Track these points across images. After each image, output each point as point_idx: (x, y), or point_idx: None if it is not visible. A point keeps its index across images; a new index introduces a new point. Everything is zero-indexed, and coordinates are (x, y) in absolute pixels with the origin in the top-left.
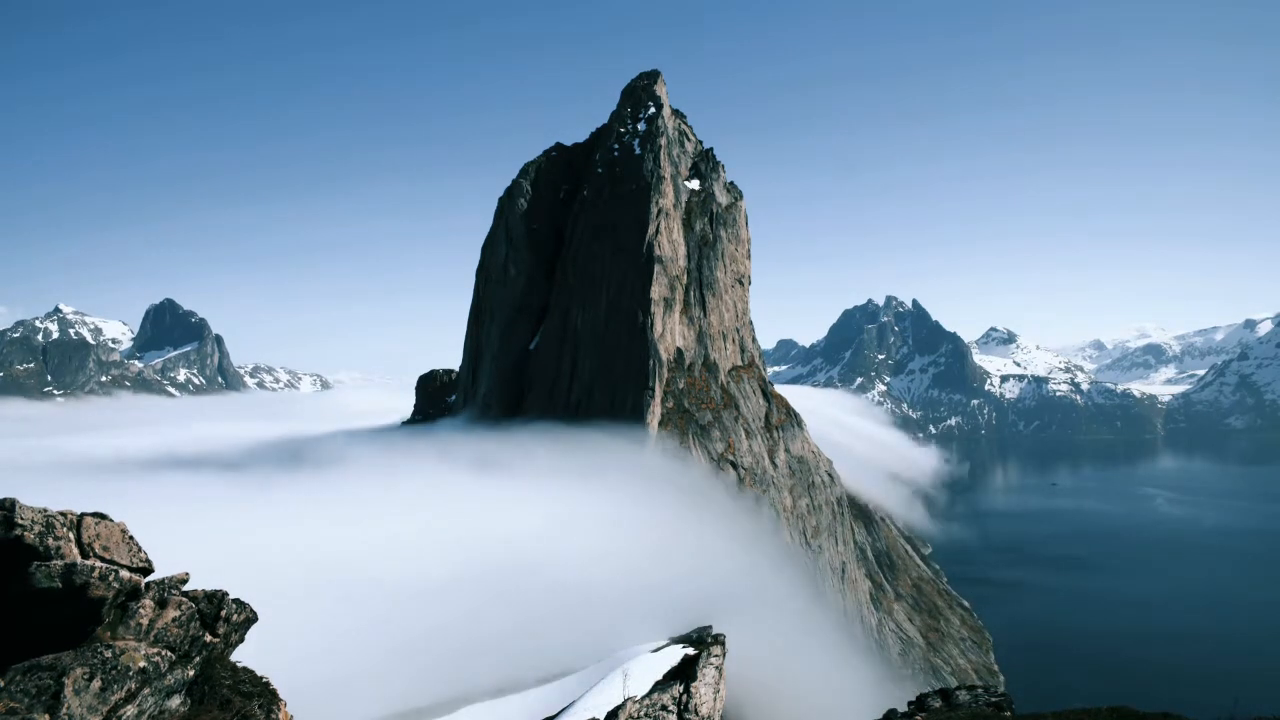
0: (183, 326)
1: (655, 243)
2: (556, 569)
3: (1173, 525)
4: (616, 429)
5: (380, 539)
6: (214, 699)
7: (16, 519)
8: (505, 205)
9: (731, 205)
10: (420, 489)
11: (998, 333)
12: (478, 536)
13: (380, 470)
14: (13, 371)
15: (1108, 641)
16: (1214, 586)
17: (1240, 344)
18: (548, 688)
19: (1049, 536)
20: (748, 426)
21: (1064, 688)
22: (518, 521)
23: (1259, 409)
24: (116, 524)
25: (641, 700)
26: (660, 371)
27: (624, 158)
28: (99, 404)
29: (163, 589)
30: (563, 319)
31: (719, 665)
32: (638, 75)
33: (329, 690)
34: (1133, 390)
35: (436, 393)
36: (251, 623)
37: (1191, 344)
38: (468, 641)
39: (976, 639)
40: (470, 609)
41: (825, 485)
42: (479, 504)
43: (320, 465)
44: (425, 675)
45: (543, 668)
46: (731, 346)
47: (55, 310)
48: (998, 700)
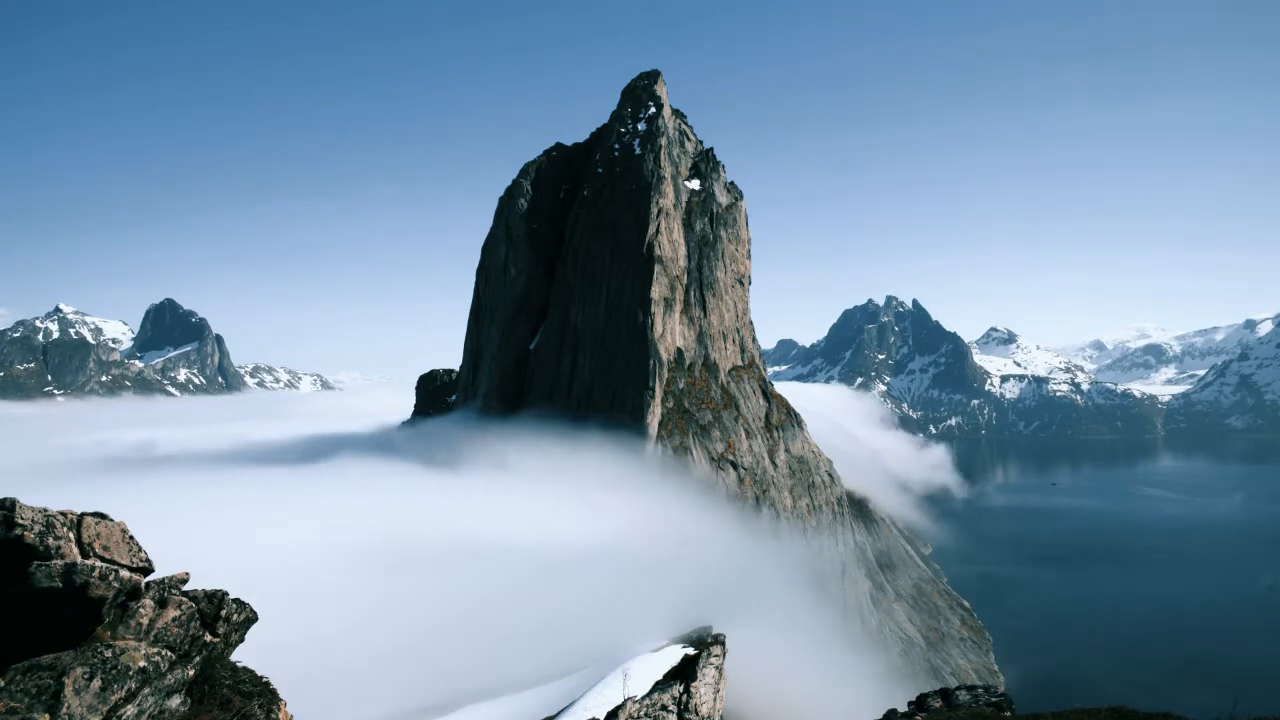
0: (183, 326)
1: (655, 243)
2: (557, 569)
3: (1173, 525)
4: (616, 431)
5: (380, 539)
6: (214, 699)
7: (17, 519)
8: (505, 205)
9: (732, 205)
10: (420, 489)
11: (998, 333)
12: (477, 537)
13: (379, 470)
14: (13, 371)
15: (1108, 641)
16: (1214, 586)
17: (1240, 344)
18: (548, 688)
19: (1049, 536)
20: (748, 426)
21: (1064, 688)
22: (517, 522)
23: (1259, 409)
24: (116, 524)
25: (641, 700)
26: (660, 371)
27: (624, 158)
28: (99, 404)
29: (163, 589)
30: (563, 319)
31: (719, 665)
32: (638, 75)
33: (329, 690)
34: (1133, 390)
35: (437, 392)
36: (251, 622)
37: (1192, 344)
38: (468, 641)
39: (976, 639)
40: (470, 609)
41: (825, 485)
42: (478, 505)
43: (320, 465)
44: (425, 675)
45: (543, 668)
46: (731, 346)
47: (55, 310)
48: (998, 700)
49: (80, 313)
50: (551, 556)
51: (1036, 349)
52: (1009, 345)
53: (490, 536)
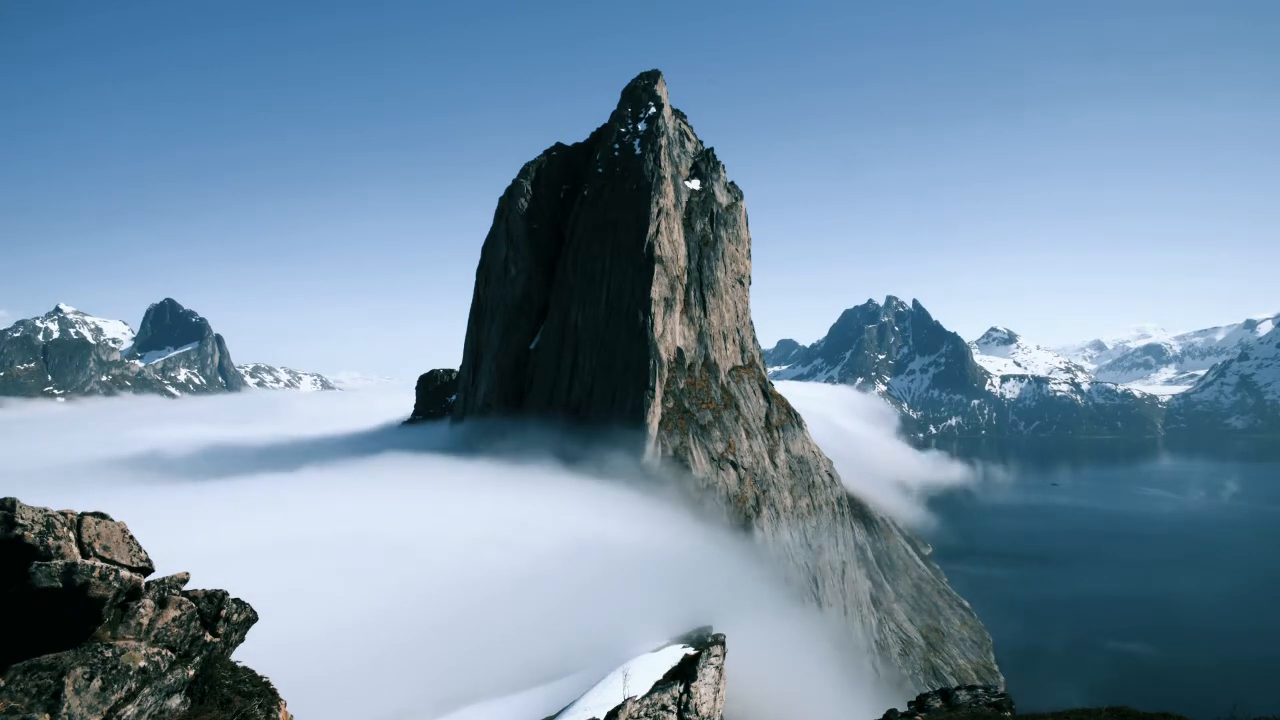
0: (183, 326)
1: (655, 242)
2: (557, 570)
3: (1173, 526)
4: (616, 435)
5: (380, 540)
6: (214, 698)
7: (17, 518)
8: (506, 205)
9: (732, 205)
10: (418, 490)
11: (998, 333)
12: (477, 537)
13: (378, 470)
14: (13, 371)
15: (1108, 641)
16: (1214, 586)
17: (1241, 344)
18: (548, 688)
19: (1049, 536)
20: (748, 426)
21: (1064, 688)
22: (517, 524)
23: (1259, 409)
24: (116, 523)
25: (641, 700)
26: (660, 371)
27: (624, 157)
28: (100, 404)
29: (163, 588)
30: (563, 319)
31: (719, 665)
32: (638, 75)
33: (329, 690)
34: (1133, 390)
35: (437, 392)
36: (251, 622)
37: (1192, 344)
38: (468, 641)
39: (976, 639)
40: (470, 609)
41: (825, 485)
42: (478, 507)
43: (320, 466)
44: (425, 675)
45: (543, 668)
46: (732, 346)
47: (56, 310)
48: (998, 700)
49: (80, 313)
50: (552, 558)
51: (1036, 349)
52: (1009, 345)
53: (489, 538)
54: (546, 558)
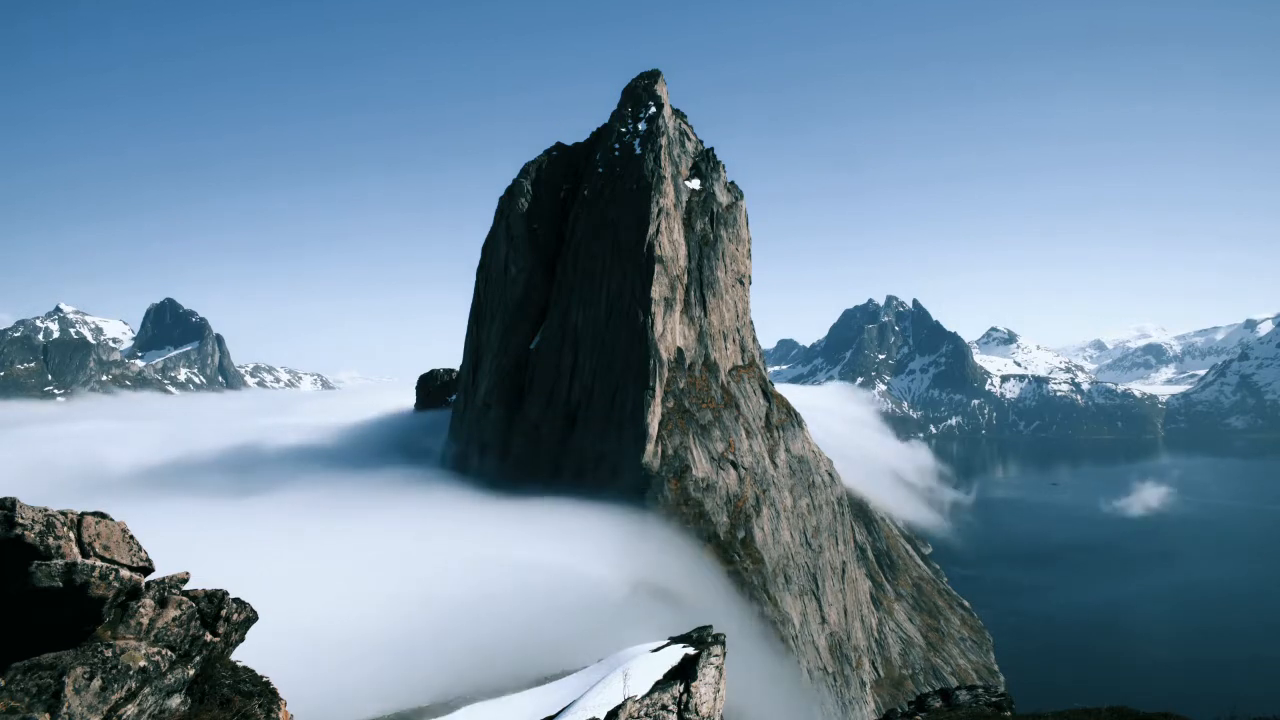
0: (183, 326)
1: (655, 242)
2: (557, 570)
3: (1173, 525)
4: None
5: (380, 540)
6: (214, 698)
7: (17, 518)
8: (506, 205)
9: (732, 205)
10: (419, 490)
11: (998, 333)
12: (476, 537)
13: (380, 470)
14: (13, 371)
15: (1108, 641)
16: (1214, 586)
17: (1241, 344)
18: (548, 688)
19: (1049, 536)
20: (748, 426)
21: (1064, 688)
22: (517, 525)
23: (1259, 409)
24: (116, 523)
25: (641, 700)
26: (660, 371)
27: (624, 157)
28: (100, 403)
29: (163, 588)
30: (563, 319)
31: (719, 665)
32: (638, 75)
33: (329, 690)
34: (1133, 390)
35: (437, 392)
36: (252, 622)
37: (1192, 344)
38: (468, 641)
39: (976, 639)
40: (470, 609)
41: (825, 485)
42: (478, 509)
43: (320, 466)
44: (425, 675)
45: (543, 668)
46: (732, 346)
47: (56, 309)
48: (998, 700)
49: (80, 312)
50: (552, 559)
51: (1036, 349)
52: (1009, 345)
53: (489, 538)
54: (546, 560)
